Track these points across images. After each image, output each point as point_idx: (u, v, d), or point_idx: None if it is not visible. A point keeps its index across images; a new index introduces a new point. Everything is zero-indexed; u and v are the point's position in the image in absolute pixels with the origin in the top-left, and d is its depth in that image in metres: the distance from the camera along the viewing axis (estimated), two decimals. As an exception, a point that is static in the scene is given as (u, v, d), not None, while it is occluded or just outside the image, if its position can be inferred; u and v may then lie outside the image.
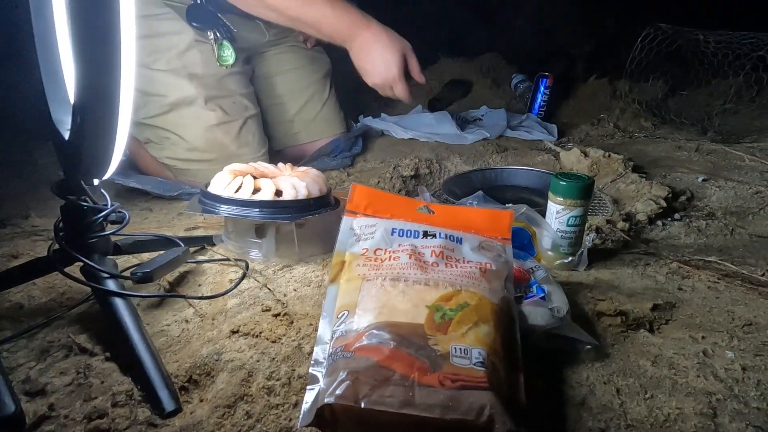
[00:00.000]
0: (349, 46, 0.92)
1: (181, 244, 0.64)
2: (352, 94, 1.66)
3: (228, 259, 0.67)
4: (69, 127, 0.47)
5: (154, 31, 0.91)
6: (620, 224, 0.82)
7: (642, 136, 1.51)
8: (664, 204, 0.89)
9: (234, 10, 1.02)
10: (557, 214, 0.68)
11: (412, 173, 1.14)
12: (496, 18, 2.43)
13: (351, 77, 1.76)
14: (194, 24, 0.93)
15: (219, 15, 0.96)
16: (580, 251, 0.67)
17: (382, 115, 1.64)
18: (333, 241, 0.54)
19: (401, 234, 0.53)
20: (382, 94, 1.00)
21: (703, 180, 1.08)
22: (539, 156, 1.25)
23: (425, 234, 0.53)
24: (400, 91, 0.95)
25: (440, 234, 0.53)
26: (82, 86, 0.40)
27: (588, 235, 0.68)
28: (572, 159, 1.18)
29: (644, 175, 1.08)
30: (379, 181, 1.09)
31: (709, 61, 1.57)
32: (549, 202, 0.69)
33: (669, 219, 0.88)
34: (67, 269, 0.52)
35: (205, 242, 0.73)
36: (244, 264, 0.65)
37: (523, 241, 0.65)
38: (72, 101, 0.44)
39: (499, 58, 2.16)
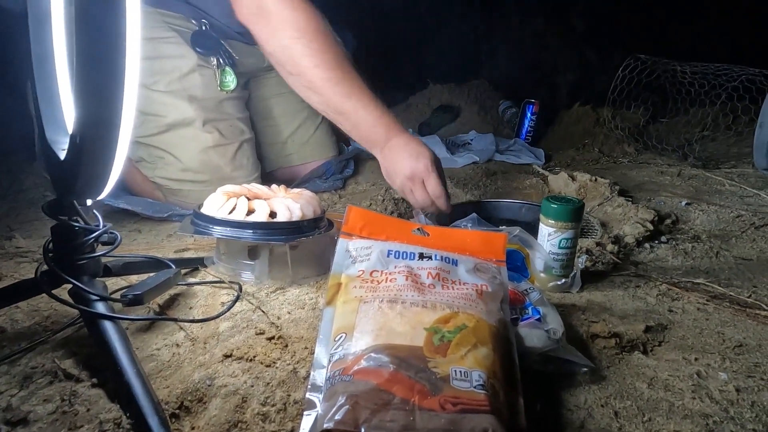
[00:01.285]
0: (379, 149, 0.87)
1: (172, 265, 0.63)
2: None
3: (220, 281, 0.66)
4: (64, 147, 0.47)
5: (157, 53, 0.91)
6: (610, 246, 0.83)
7: (626, 161, 1.55)
8: (651, 227, 0.91)
9: (236, 36, 1.03)
10: (549, 237, 0.69)
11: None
12: (482, 47, 2.51)
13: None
14: (198, 49, 0.94)
15: (222, 42, 0.97)
16: (573, 273, 0.67)
17: (373, 138, 1.66)
18: (327, 263, 0.54)
19: (397, 256, 0.53)
20: (414, 201, 0.88)
21: (687, 204, 1.11)
22: (528, 179, 1.27)
23: (421, 256, 0.53)
24: (433, 185, 0.83)
25: (436, 256, 0.53)
26: (83, 112, 0.40)
27: (579, 257, 0.69)
28: (560, 182, 1.21)
29: (630, 199, 1.11)
30: (371, 204, 1.10)
31: (687, 91, 1.64)
32: (540, 224, 0.70)
33: (656, 241, 0.89)
34: (54, 291, 0.51)
35: (197, 264, 0.72)
36: (237, 286, 0.64)
37: (516, 263, 0.65)
38: (69, 123, 0.43)
39: (486, 85, 2.22)
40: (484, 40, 2.47)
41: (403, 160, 0.84)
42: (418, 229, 0.57)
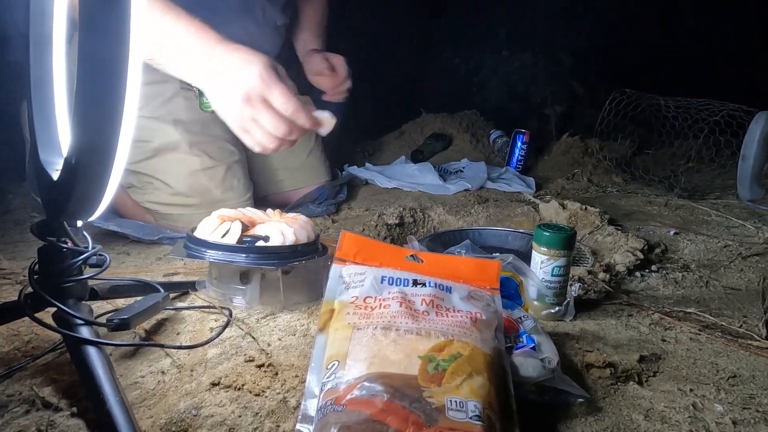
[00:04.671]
0: (204, 74, 0.68)
1: (161, 289, 0.61)
2: (336, 144, 1.70)
3: (209, 306, 0.65)
4: (58, 167, 0.46)
5: (142, 79, 0.90)
6: (601, 275, 0.83)
7: (614, 190, 1.58)
8: (641, 256, 0.92)
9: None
10: (542, 264, 0.69)
11: (397, 221, 1.15)
12: (473, 79, 2.58)
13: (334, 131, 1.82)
14: None
15: None
16: (566, 301, 0.67)
17: (367, 164, 1.68)
18: (319, 289, 0.53)
19: (391, 282, 0.52)
20: (262, 137, 0.68)
21: (675, 233, 1.12)
22: (519, 208, 1.28)
23: (415, 282, 0.52)
24: (277, 96, 0.64)
25: (430, 282, 0.52)
26: (80, 137, 0.40)
27: (573, 285, 0.69)
28: (551, 211, 1.22)
29: (620, 228, 1.12)
30: (363, 229, 1.09)
31: (671, 124, 1.69)
32: (533, 251, 0.70)
33: (647, 270, 0.90)
34: (38, 314, 0.49)
35: (187, 288, 0.70)
36: (227, 311, 0.63)
37: (510, 291, 0.65)
38: (65, 145, 0.43)
39: (477, 115, 2.27)
40: (475, 72, 2.54)
41: (229, 76, 0.64)
42: (412, 255, 0.57)
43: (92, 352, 0.45)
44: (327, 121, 0.77)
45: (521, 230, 1.18)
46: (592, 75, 2.29)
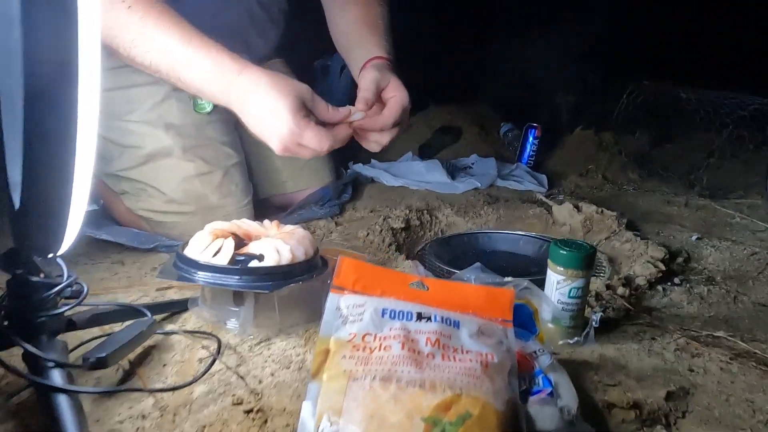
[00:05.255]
0: (231, 106, 0.68)
1: (148, 313, 0.57)
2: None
3: (201, 332, 0.60)
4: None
5: (130, 82, 0.84)
6: (620, 290, 0.77)
7: (630, 188, 1.49)
8: (663, 267, 0.85)
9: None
10: (558, 285, 0.63)
11: (403, 225, 1.09)
12: (483, 68, 2.48)
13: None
14: None
15: None
16: (586, 332, 0.61)
17: (372, 161, 1.61)
18: (318, 309, 0.48)
19: (393, 316, 0.47)
20: (301, 155, 0.68)
21: (697, 239, 1.05)
22: (531, 209, 1.21)
23: (419, 316, 0.47)
24: (310, 139, 0.64)
25: (435, 317, 0.47)
26: (29, 159, 0.35)
27: (596, 314, 0.63)
28: (564, 213, 1.15)
29: (638, 233, 1.05)
30: (368, 233, 1.04)
31: (691, 117, 1.59)
32: (549, 270, 0.64)
33: (669, 283, 0.83)
34: (9, 350, 0.44)
35: (178, 308, 0.65)
36: (216, 342, 0.58)
37: (524, 319, 0.59)
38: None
39: (486, 107, 2.18)
40: (485, 61, 2.44)
41: (258, 121, 0.66)
42: (417, 282, 0.51)
43: (61, 399, 0.40)
44: (355, 112, 0.71)
45: (533, 234, 1.11)
46: (606, 64, 2.17)
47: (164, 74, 0.69)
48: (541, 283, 0.64)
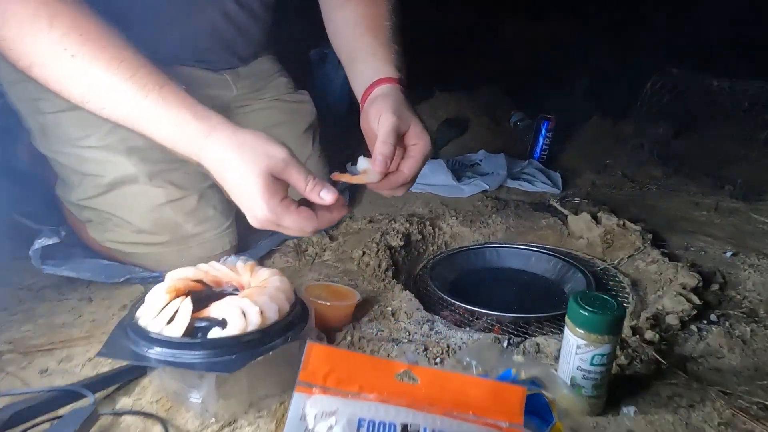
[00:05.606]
0: (204, 169, 0.57)
1: (90, 394, 0.48)
2: (340, 136, 1.52)
3: (151, 416, 0.51)
4: None
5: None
6: (649, 334, 0.66)
7: (653, 187, 1.36)
8: (697, 301, 0.73)
9: (191, 63, 0.86)
10: (578, 350, 0.52)
11: (402, 243, 0.98)
12: (490, 48, 2.30)
13: (340, 117, 1.61)
14: None
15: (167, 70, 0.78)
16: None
17: (373, 160, 1.49)
18: (295, 372, 0.39)
19: (371, 429, 0.37)
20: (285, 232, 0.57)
21: (732, 255, 0.93)
22: (544, 218, 1.09)
23: (405, 429, 0.37)
24: (289, 224, 0.54)
25: (425, 429, 0.37)
26: None
27: (627, 410, 0.52)
28: (581, 225, 1.03)
29: (665, 249, 0.92)
30: (364, 253, 0.93)
31: (722, 109, 1.43)
32: (566, 330, 0.53)
33: (704, 322, 0.71)
34: None
35: (134, 375, 0.56)
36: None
37: (537, 407, 0.49)
38: None
39: (496, 93, 2.03)
40: (492, 41, 2.27)
41: (234, 199, 0.55)
42: (405, 371, 0.41)
43: None
44: (370, 172, 0.59)
45: (547, 248, 1.00)
46: (626, 44, 1.98)
47: (129, 128, 0.58)
48: (561, 322, 0.53)
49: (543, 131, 1.55)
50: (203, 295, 0.59)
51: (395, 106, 0.60)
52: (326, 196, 0.55)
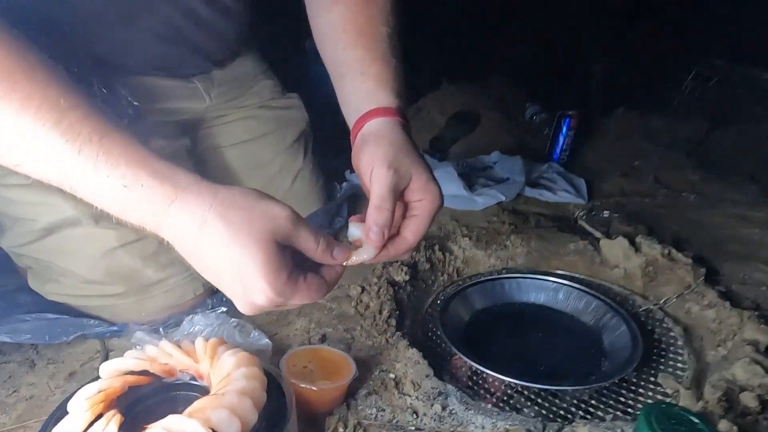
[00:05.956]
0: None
1: None
2: (337, 141, 1.35)
3: None
4: None
5: None
6: (724, 425, 0.51)
7: (691, 195, 1.19)
8: (776, 368, 0.58)
9: (151, 72, 0.70)
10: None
11: (407, 277, 0.83)
12: (501, 33, 2.09)
13: (335, 119, 1.44)
14: None
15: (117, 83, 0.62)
16: None
17: (374, 165, 1.32)
18: None
19: None
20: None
21: (801, 292, 0.77)
22: (572, 241, 0.93)
23: None
24: (298, 301, 0.42)
25: None
26: None
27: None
28: (617, 252, 0.87)
29: (721, 289, 0.77)
30: (363, 289, 0.79)
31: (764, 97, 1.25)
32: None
33: (787, 398, 0.57)
34: None
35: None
36: None
37: None
38: None
39: (508, 84, 1.84)
40: (505, 28, 2.06)
41: (215, 283, 0.42)
42: None
43: None
44: (364, 245, 0.46)
45: (577, 282, 0.84)
46: (658, 33, 1.77)
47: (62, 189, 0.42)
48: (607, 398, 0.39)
49: (564, 129, 1.37)
50: (150, 390, 0.45)
51: (391, 155, 0.46)
52: (339, 254, 0.44)
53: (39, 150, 0.39)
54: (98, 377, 0.45)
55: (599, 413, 0.58)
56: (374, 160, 0.46)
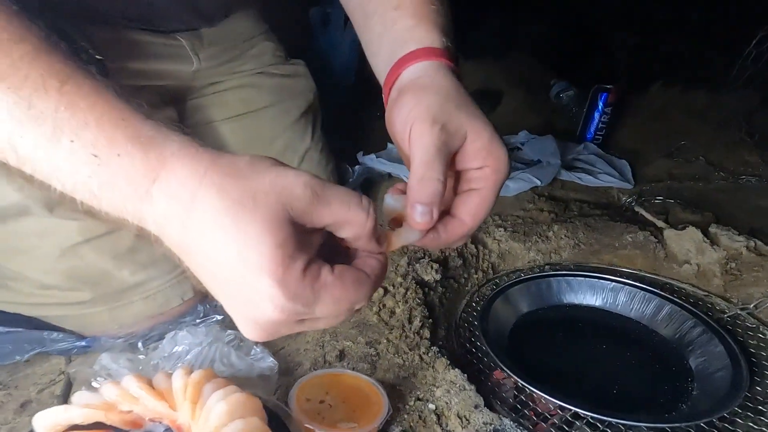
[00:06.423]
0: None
1: None
2: (348, 119, 1.20)
3: None
4: None
5: None
6: None
7: (752, 179, 1.04)
8: None
9: (122, 22, 0.55)
10: None
11: (438, 276, 0.69)
12: (520, 5, 1.91)
13: (344, 96, 1.28)
14: None
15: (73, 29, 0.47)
16: None
17: (389, 147, 1.17)
18: None
19: None
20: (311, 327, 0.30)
21: None
22: (629, 231, 0.79)
23: None
24: (322, 310, 0.28)
25: None
26: None
27: None
28: (688, 246, 0.72)
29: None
30: (386, 292, 0.65)
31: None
32: None
33: None
34: None
35: None
36: None
37: None
38: None
39: (531, 60, 1.67)
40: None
41: (211, 289, 0.29)
42: None
43: None
44: (405, 227, 0.32)
45: (640, 281, 0.70)
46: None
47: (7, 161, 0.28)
48: None
49: (600, 106, 1.22)
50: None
51: (436, 107, 0.32)
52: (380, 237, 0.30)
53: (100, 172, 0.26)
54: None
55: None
56: (414, 116, 0.32)
